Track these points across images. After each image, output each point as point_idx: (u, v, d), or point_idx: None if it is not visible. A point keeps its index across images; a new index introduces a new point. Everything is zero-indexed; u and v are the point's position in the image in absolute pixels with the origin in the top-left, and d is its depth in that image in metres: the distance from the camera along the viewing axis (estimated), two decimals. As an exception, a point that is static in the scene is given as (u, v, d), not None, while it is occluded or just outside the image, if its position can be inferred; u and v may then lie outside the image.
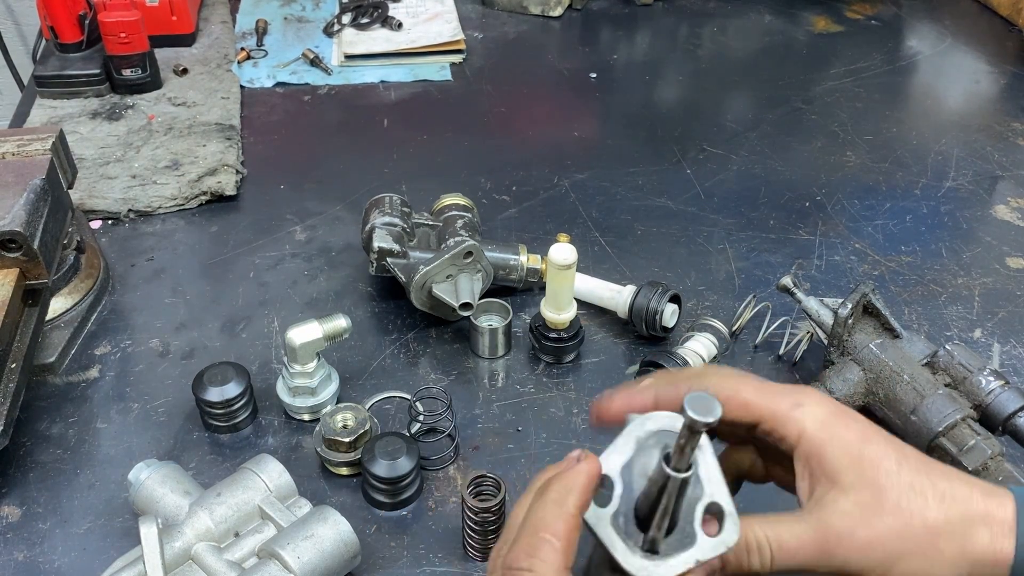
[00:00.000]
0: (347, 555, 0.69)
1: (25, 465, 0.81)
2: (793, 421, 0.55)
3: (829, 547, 0.53)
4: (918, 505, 0.54)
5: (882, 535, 0.53)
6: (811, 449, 0.55)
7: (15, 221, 0.79)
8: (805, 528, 0.53)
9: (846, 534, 0.53)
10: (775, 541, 0.53)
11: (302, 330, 0.82)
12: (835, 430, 0.55)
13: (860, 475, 0.54)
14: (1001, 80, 1.45)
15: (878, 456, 0.54)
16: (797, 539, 0.53)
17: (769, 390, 0.57)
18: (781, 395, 0.56)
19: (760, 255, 1.07)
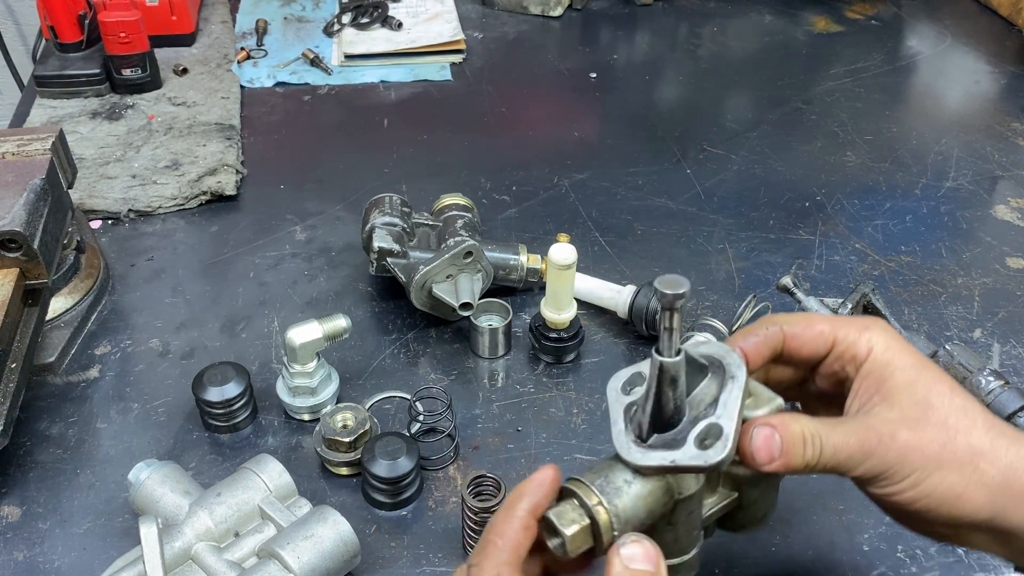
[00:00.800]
0: (347, 555, 0.69)
1: (25, 465, 0.81)
2: (864, 342, 0.60)
3: (869, 446, 0.55)
4: (965, 425, 0.56)
5: (923, 442, 0.56)
6: (873, 368, 0.59)
7: (15, 221, 0.79)
8: (849, 428, 0.57)
9: (887, 435, 0.56)
10: (824, 436, 0.56)
11: (302, 330, 0.82)
12: (897, 354, 0.59)
13: (913, 394, 0.57)
14: (1001, 80, 1.45)
15: (933, 380, 0.58)
16: (842, 436, 0.56)
17: (837, 319, 0.63)
18: (850, 322, 0.62)
19: (760, 255, 1.07)
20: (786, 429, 0.56)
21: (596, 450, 0.83)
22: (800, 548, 0.76)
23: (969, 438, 0.56)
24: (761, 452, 0.55)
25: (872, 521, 0.78)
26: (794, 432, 0.56)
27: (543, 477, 0.55)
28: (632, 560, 0.50)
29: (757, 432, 0.56)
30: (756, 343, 0.63)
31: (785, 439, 0.55)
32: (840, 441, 0.56)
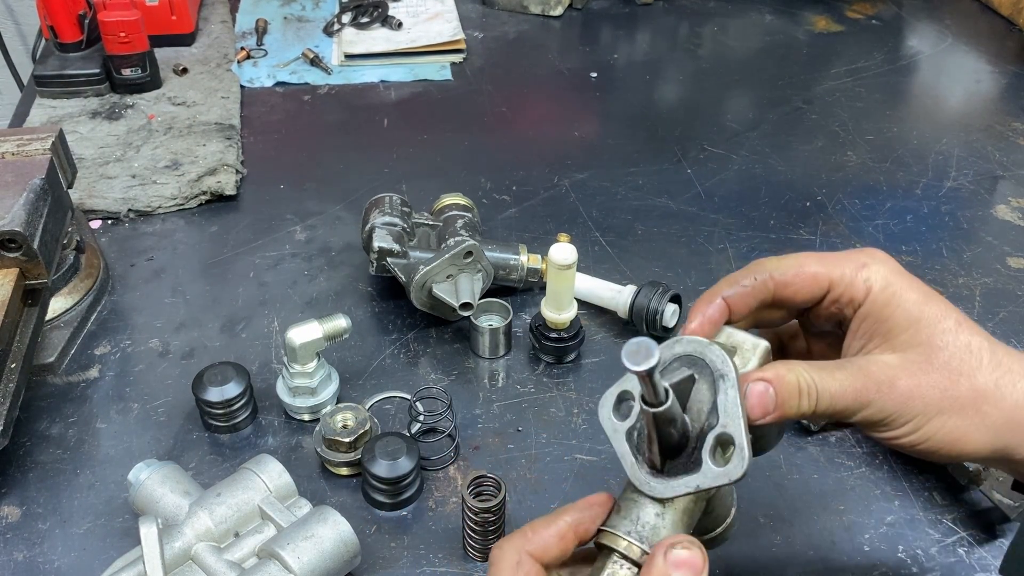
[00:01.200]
0: (347, 555, 0.69)
1: (25, 465, 0.81)
2: (861, 281, 0.56)
3: (868, 394, 0.53)
4: (969, 366, 0.54)
5: (923, 388, 0.53)
6: (872, 309, 0.56)
7: (15, 221, 0.79)
8: (846, 375, 0.54)
9: (885, 383, 0.53)
10: (820, 385, 0.53)
11: (302, 330, 0.82)
12: (897, 289, 0.56)
13: (915, 335, 0.55)
14: (1002, 80, 1.45)
15: (937, 317, 0.55)
16: (839, 384, 0.53)
17: (831, 257, 0.58)
18: (845, 259, 0.58)
19: (761, 255, 1.06)
20: (781, 381, 0.53)
21: (597, 450, 0.83)
22: (801, 548, 0.76)
23: (973, 380, 0.53)
24: (755, 409, 0.53)
25: (873, 521, 0.78)
26: (790, 383, 0.53)
27: (596, 500, 0.54)
28: (678, 566, 0.49)
29: (751, 389, 0.53)
30: (742, 294, 0.59)
31: (780, 392, 0.53)
32: (837, 389, 0.53)
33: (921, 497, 0.80)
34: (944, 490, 0.81)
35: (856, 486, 0.81)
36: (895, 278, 0.57)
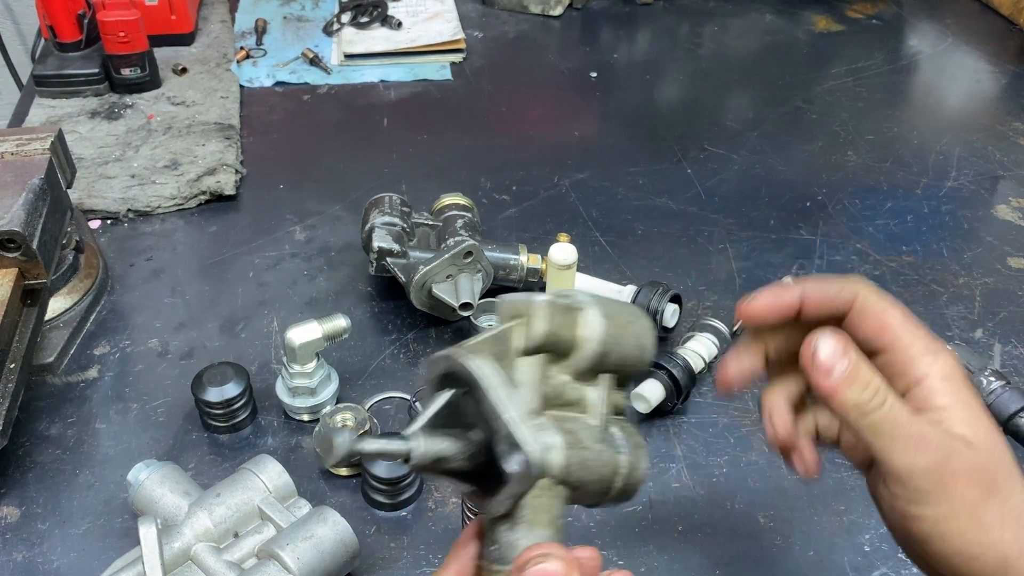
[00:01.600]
0: (347, 556, 0.69)
1: (24, 465, 0.81)
2: (923, 365, 0.53)
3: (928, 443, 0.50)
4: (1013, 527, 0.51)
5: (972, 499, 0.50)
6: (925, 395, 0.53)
7: (14, 221, 0.79)
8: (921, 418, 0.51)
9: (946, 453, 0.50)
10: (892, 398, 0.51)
11: (302, 330, 0.82)
12: (958, 386, 0.53)
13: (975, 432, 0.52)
14: (1002, 79, 1.45)
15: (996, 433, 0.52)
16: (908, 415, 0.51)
17: (911, 326, 0.55)
18: (920, 336, 0.54)
19: (761, 255, 1.07)
20: (860, 359, 0.51)
21: (596, 450, 0.83)
22: (801, 548, 0.76)
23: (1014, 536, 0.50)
24: (822, 358, 0.50)
25: (873, 522, 0.78)
26: (865, 368, 0.51)
27: (467, 536, 0.52)
28: None
29: (827, 338, 0.51)
30: (824, 293, 0.57)
31: (855, 364, 0.51)
32: (905, 418, 0.51)
33: (922, 497, 0.80)
34: (945, 490, 0.80)
35: (856, 486, 0.81)
36: (957, 373, 0.54)
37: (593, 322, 0.52)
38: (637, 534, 0.77)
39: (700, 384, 0.89)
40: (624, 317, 0.54)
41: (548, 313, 0.51)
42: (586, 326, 0.52)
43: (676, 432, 0.85)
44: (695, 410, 0.88)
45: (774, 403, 0.59)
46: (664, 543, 0.76)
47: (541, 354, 0.52)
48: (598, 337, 0.52)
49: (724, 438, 0.85)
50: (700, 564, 0.75)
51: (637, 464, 0.53)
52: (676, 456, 0.83)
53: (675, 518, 0.78)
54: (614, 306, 0.54)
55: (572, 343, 0.52)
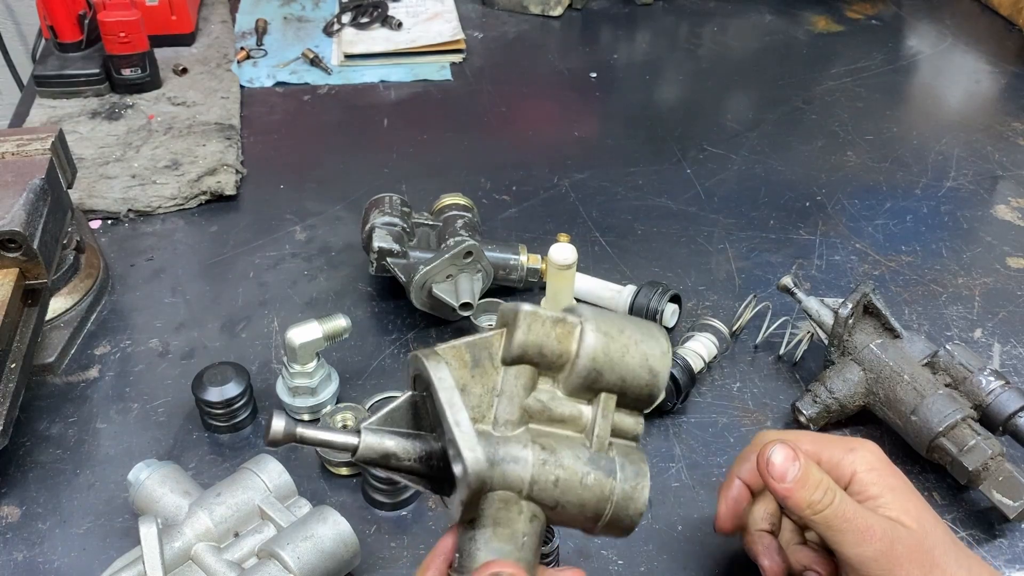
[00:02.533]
0: (347, 555, 0.69)
1: (25, 465, 0.81)
2: (847, 464, 0.63)
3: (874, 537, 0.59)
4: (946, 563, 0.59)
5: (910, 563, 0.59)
6: (856, 489, 0.62)
7: (15, 221, 0.79)
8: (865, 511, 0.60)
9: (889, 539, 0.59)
10: (840, 494, 0.60)
11: (302, 330, 0.82)
12: (882, 473, 0.63)
13: (903, 514, 0.61)
14: (1002, 80, 1.45)
15: (918, 505, 0.62)
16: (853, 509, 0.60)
17: (824, 439, 0.65)
18: (835, 443, 0.64)
19: (760, 255, 1.07)
20: (809, 464, 0.60)
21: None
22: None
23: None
24: (776, 467, 0.59)
25: (873, 521, 0.78)
26: (814, 470, 0.60)
27: (442, 547, 0.52)
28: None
29: (779, 448, 0.59)
30: (753, 469, 0.66)
31: (804, 468, 0.59)
32: (852, 512, 0.59)
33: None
34: (944, 490, 0.81)
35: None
36: (880, 464, 0.63)
37: (586, 338, 0.50)
38: (637, 534, 0.77)
39: (700, 384, 0.89)
40: (630, 336, 0.51)
41: (528, 323, 0.50)
42: (576, 341, 0.51)
43: (676, 432, 0.86)
44: (695, 410, 0.88)
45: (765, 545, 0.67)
46: (664, 543, 0.76)
47: (526, 366, 0.51)
48: (589, 353, 0.50)
49: (724, 438, 0.85)
50: (700, 564, 0.75)
51: (633, 494, 0.50)
52: (676, 456, 0.83)
53: (675, 518, 0.78)
54: (623, 323, 0.52)
55: (563, 357, 0.51)
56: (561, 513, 0.50)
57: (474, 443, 0.47)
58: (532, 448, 0.49)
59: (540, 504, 0.50)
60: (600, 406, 0.51)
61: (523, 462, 0.49)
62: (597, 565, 0.74)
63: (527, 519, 0.49)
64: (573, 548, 0.75)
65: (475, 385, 0.51)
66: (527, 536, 0.49)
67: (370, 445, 0.50)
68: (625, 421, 0.52)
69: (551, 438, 0.50)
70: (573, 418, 0.51)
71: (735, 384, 0.90)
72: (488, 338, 0.52)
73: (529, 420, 0.51)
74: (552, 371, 0.51)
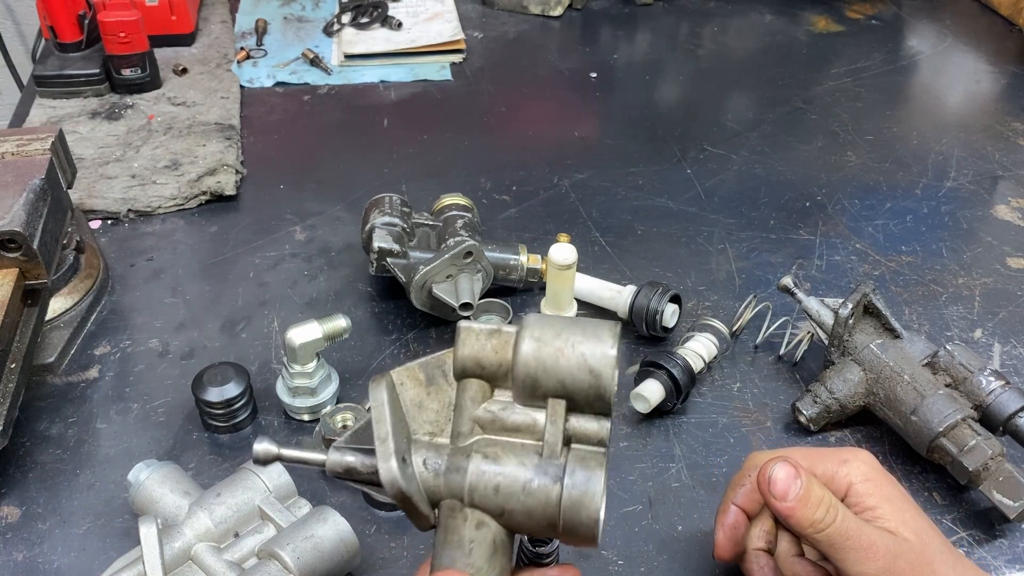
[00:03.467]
0: (347, 555, 0.69)
1: (24, 465, 0.81)
2: (842, 476, 0.63)
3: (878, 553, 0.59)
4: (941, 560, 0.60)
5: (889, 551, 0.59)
6: (853, 501, 0.62)
7: (15, 221, 0.79)
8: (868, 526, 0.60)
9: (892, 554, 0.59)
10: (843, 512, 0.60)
11: (302, 330, 0.82)
12: (879, 484, 0.63)
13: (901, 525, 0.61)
14: (1002, 80, 1.45)
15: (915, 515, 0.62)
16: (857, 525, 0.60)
17: (815, 453, 0.65)
18: (829, 455, 0.64)
19: (760, 255, 1.07)
20: (810, 480, 0.60)
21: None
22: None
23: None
24: (778, 485, 0.59)
25: (873, 521, 0.78)
26: (816, 487, 0.59)
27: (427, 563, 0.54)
28: None
29: (780, 466, 0.59)
30: (748, 494, 0.66)
31: (806, 486, 0.59)
32: (855, 529, 0.59)
33: (921, 497, 0.80)
34: (944, 490, 0.81)
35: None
36: (875, 474, 0.63)
37: (519, 345, 0.51)
38: (637, 534, 0.77)
39: (700, 384, 0.89)
40: (567, 339, 0.51)
41: (463, 338, 0.52)
42: (511, 349, 0.52)
43: (676, 432, 0.86)
44: (695, 410, 0.88)
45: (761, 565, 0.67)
46: (664, 543, 0.76)
47: (472, 379, 0.53)
48: (521, 360, 0.51)
49: (724, 438, 0.85)
50: (700, 564, 0.75)
51: (582, 500, 0.50)
52: (676, 456, 0.83)
53: (675, 518, 0.78)
54: (562, 327, 0.52)
55: (503, 367, 0.52)
56: (511, 520, 0.51)
57: (388, 454, 0.49)
58: (474, 457, 0.51)
59: (486, 511, 0.51)
60: (549, 411, 0.51)
61: (463, 470, 0.51)
62: (597, 565, 0.74)
63: (473, 526, 0.51)
64: (574, 549, 0.75)
65: (431, 401, 0.54)
66: (474, 543, 0.50)
67: (335, 461, 0.53)
68: (587, 426, 0.52)
69: (500, 447, 0.51)
70: (527, 426, 0.52)
71: (735, 384, 0.90)
72: (441, 356, 0.54)
73: (483, 431, 0.52)
74: (501, 381, 0.53)
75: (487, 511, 0.51)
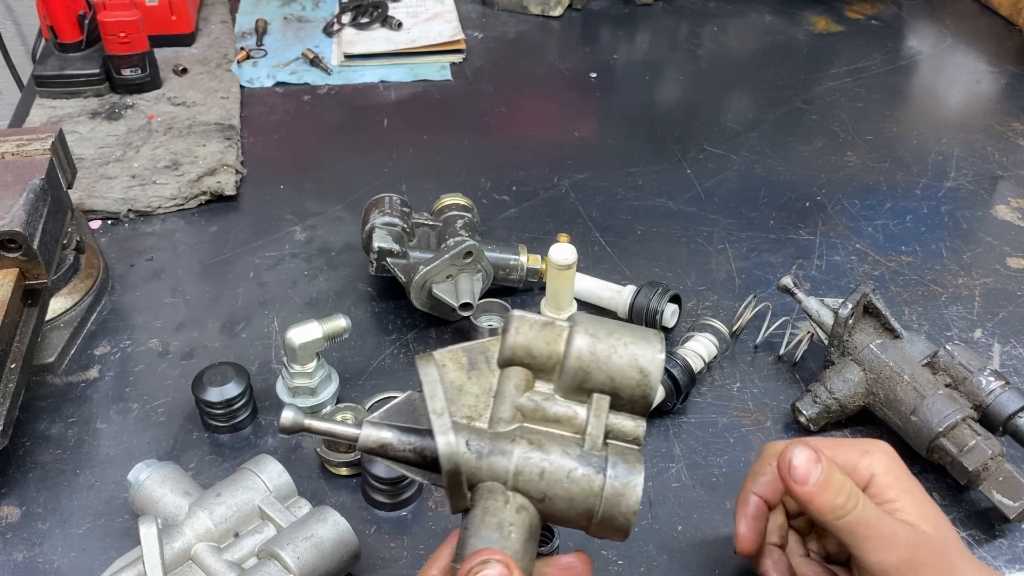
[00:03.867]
0: (347, 555, 0.69)
1: (25, 465, 0.81)
2: (864, 467, 0.62)
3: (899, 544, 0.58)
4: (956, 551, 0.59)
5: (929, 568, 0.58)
6: (874, 492, 0.61)
7: (15, 221, 0.79)
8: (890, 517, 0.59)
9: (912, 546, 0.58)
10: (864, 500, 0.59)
11: (302, 330, 0.82)
12: (900, 475, 0.62)
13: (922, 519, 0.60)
14: (1001, 80, 1.45)
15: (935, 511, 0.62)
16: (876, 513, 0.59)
17: (836, 443, 0.64)
18: (849, 445, 0.63)
19: (760, 255, 1.07)
20: (831, 465, 0.58)
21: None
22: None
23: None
24: (799, 469, 0.57)
25: (873, 521, 0.78)
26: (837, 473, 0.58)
27: (452, 538, 0.54)
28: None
29: (800, 450, 0.58)
30: (769, 483, 0.65)
31: (827, 471, 0.58)
32: (875, 516, 0.58)
33: (921, 497, 0.80)
34: (944, 490, 0.81)
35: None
36: (895, 466, 0.62)
37: (573, 338, 0.53)
38: (637, 534, 0.77)
39: (700, 384, 0.90)
40: (620, 338, 0.53)
41: (518, 326, 0.54)
42: (564, 342, 0.53)
43: (676, 432, 0.86)
44: (695, 410, 0.88)
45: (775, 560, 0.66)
46: (664, 543, 0.76)
47: (518, 367, 0.54)
48: (575, 352, 0.52)
49: (724, 438, 0.85)
50: (700, 564, 0.75)
51: (624, 491, 0.51)
52: (676, 456, 0.83)
53: (675, 518, 0.78)
54: (614, 327, 0.54)
55: (552, 359, 0.53)
56: (551, 507, 0.52)
57: (447, 428, 0.50)
58: (519, 442, 0.52)
59: (528, 496, 0.51)
60: (593, 406, 0.53)
61: (508, 454, 0.51)
62: (597, 565, 0.74)
63: (513, 509, 0.51)
64: (573, 548, 0.75)
65: (472, 386, 0.54)
66: (513, 526, 0.50)
67: (368, 435, 0.53)
68: (625, 424, 0.53)
69: (543, 436, 0.52)
70: (568, 418, 0.53)
71: (735, 384, 0.90)
72: (485, 343, 0.55)
73: (524, 419, 0.53)
74: (545, 373, 0.54)
75: (529, 496, 0.51)
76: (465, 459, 0.51)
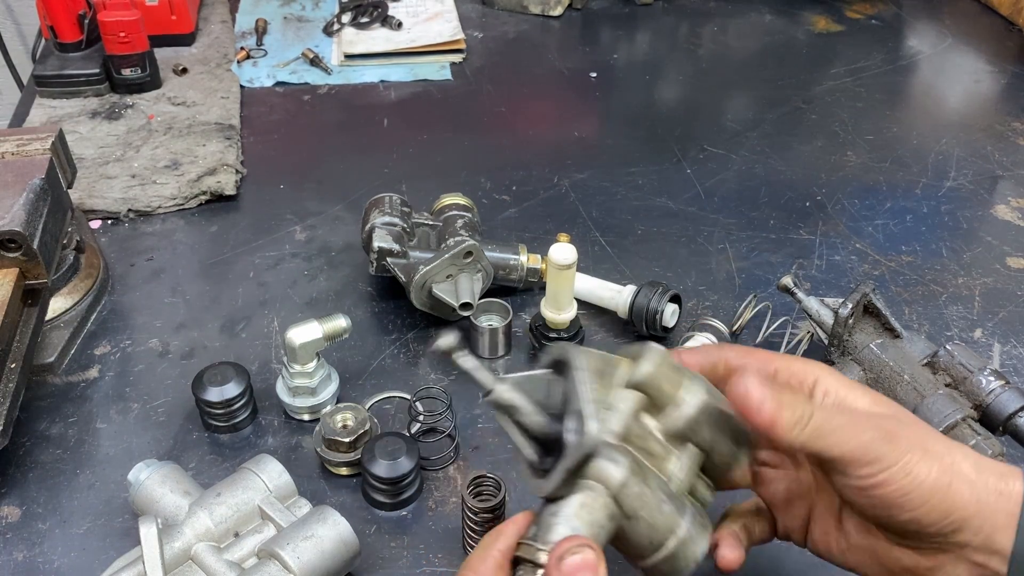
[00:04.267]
0: (347, 555, 0.69)
1: (25, 465, 0.81)
2: (809, 371, 0.60)
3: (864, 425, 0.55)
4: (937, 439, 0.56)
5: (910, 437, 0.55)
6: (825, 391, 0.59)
7: (15, 221, 0.79)
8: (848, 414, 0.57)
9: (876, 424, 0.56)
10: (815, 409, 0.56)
11: (302, 330, 0.82)
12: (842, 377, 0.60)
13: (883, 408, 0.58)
14: (1002, 80, 1.45)
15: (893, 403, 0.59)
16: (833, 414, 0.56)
17: (771, 354, 0.63)
18: (783, 356, 0.62)
19: (760, 255, 1.07)
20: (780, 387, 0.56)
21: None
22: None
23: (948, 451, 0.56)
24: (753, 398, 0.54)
25: (873, 521, 0.78)
26: (787, 391, 0.56)
27: (518, 519, 0.56)
28: (572, 573, 0.49)
29: (748, 379, 0.54)
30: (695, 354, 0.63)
31: (777, 390, 0.55)
32: (835, 410, 0.56)
33: (921, 497, 0.80)
34: (944, 490, 0.80)
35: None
36: (834, 369, 0.61)
37: (697, 388, 0.56)
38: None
39: (700, 384, 0.89)
40: (727, 409, 0.57)
41: (657, 360, 0.56)
42: (689, 390, 0.56)
43: (676, 432, 0.86)
44: (695, 410, 0.88)
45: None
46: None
47: (638, 393, 0.56)
48: (696, 403, 0.56)
49: (724, 438, 0.85)
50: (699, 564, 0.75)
51: (696, 539, 0.55)
52: (676, 456, 0.83)
53: (675, 518, 0.78)
54: (721, 400, 0.57)
55: (670, 399, 0.56)
56: (632, 527, 0.54)
57: (594, 414, 0.53)
58: (630, 457, 0.54)
59: (620, 508, 0.54)
60: (688, 454, 0.57)
61: (621, 464, 0.53)
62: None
63: (607, 515, 0.53)
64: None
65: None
66: (603, 529, 0.53)
67: (502, 392, 0.55)
68: (699, 484, 0.58)
69: (640, 463, 0.55)
70: (660, 457, 0.56)
71: (735, 384, 0.90)
72: (616, 359, 0.58)
73: (627, 442, 0.56)
74: (655, 410, 0.57)
75: (622, 508, 0.54)
76: (597, 451, 0.53)
